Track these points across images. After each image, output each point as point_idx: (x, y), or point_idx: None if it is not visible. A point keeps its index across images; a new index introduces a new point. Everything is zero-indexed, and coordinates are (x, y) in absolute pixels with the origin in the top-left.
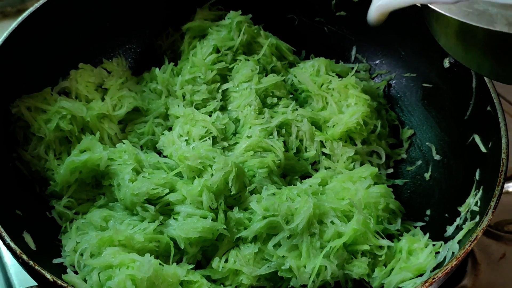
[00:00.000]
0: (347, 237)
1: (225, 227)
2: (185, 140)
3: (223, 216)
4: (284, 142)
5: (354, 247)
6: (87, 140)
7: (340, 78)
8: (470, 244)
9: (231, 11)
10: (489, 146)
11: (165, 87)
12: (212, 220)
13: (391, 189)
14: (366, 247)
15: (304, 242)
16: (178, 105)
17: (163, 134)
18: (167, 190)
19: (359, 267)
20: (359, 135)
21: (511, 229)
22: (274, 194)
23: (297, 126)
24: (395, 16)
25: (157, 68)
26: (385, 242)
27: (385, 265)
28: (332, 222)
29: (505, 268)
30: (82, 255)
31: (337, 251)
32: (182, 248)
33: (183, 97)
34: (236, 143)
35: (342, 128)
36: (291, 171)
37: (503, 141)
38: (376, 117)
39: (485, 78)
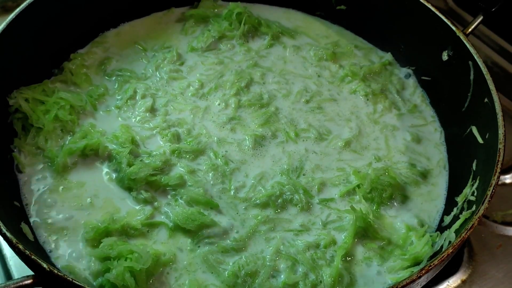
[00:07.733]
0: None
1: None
2: None
3: None
4: None
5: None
6: (86, 127)
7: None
8: (466, 232)
9: (230, 3)
10: (486, 137)
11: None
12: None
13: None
14: (373, 245)
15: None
16: None
17: None
18: (166, 177)
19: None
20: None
21: (508, 220)
22: None
23: None
24: (396, 10)
25: None
26: (386, 234)
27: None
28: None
29: (501, 258)
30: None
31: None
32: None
33: None
34: None
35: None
36: None
37: (500, 131)
38: (385, 99)
39: (483, 71)
